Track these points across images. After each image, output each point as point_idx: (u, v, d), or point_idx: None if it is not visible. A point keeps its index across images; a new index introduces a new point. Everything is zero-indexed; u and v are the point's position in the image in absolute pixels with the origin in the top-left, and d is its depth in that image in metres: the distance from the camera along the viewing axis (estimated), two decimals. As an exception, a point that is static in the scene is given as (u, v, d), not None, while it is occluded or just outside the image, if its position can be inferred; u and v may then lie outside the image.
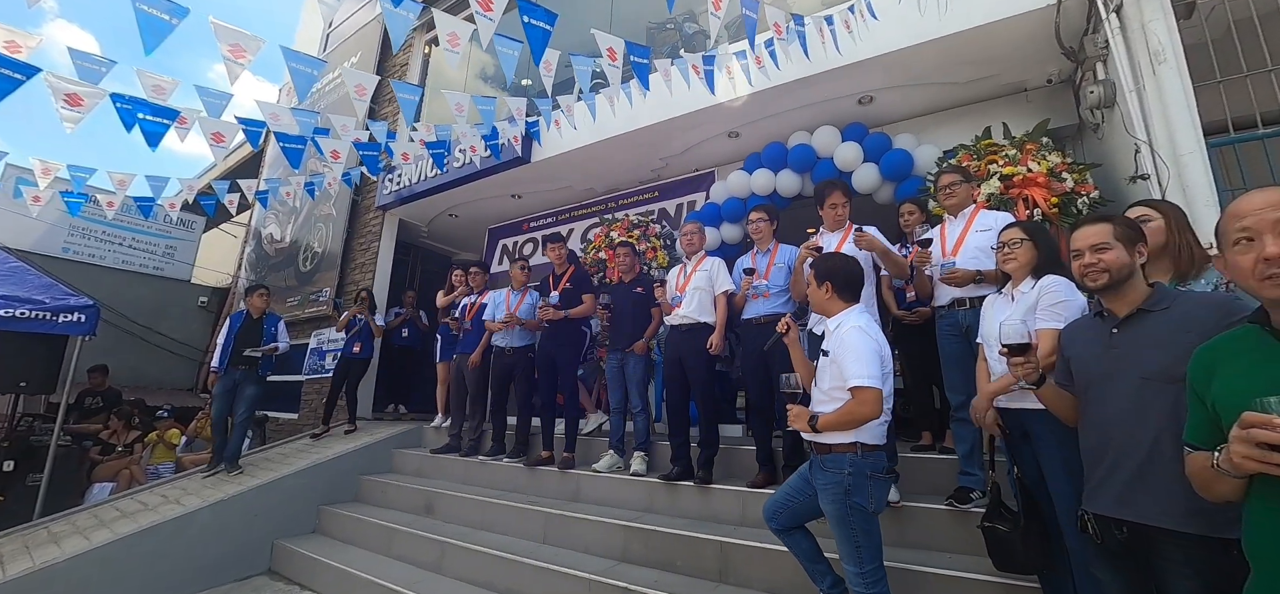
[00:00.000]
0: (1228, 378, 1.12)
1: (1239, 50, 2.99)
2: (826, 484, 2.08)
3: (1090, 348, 1.66)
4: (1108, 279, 1.64)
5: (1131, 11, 3.11)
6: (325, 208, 8.00)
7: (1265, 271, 1.02)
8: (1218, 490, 1.09)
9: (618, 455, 3.94)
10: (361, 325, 5.90)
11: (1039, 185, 3.37)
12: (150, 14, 2.24)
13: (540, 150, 5.69)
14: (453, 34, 2.84)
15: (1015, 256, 2.24)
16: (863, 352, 2.06)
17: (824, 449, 2.11)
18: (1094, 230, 1.69)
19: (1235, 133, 2.91)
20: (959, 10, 3.68)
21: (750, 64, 4.00)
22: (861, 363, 2.04)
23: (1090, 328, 1.72)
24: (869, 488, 2.03)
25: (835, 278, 2.29)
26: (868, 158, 4.33)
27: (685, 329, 3.55)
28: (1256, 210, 1.05)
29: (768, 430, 3.41)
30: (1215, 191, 2.75)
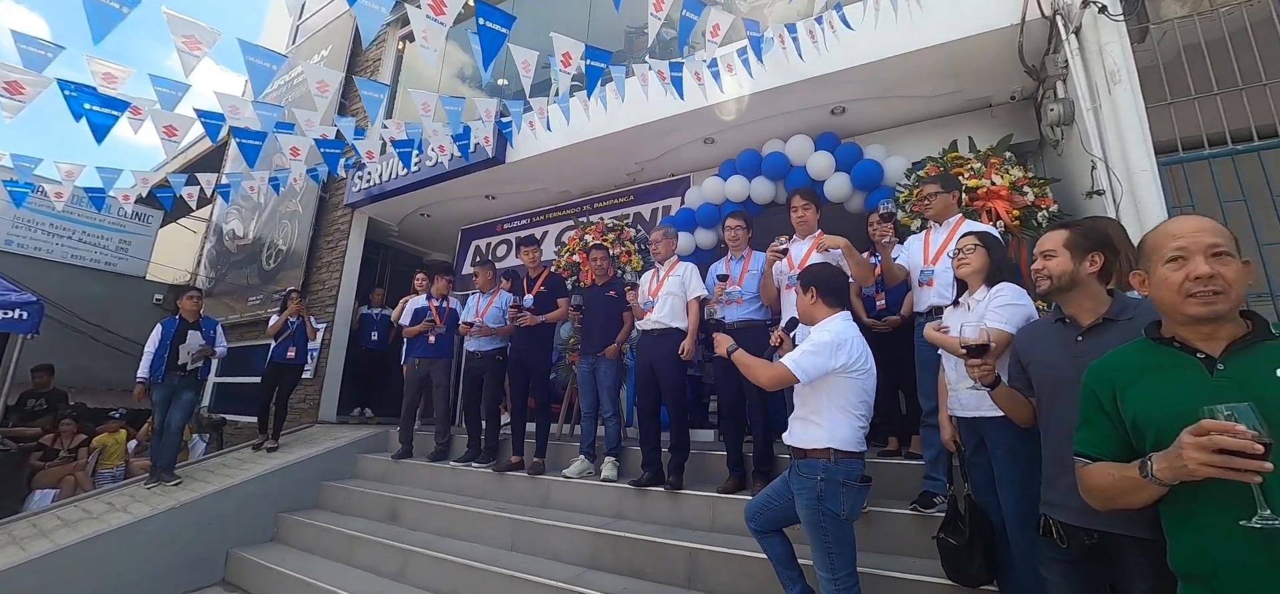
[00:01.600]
0: (1149, 392, 1.17)
1: (1188, 74, 3.13)
2: (801, 489, 2.10)
3: (1054, 353, 1.66)
4: (1049, 284, 1.69)
5: (1089, 34, 3.23)
6: (291, 204, 7.76)
7: (1192, 289, 1.11)
8: (1136, 500, 1.14)
9: (588, 460, 3.90)
10: (296, 328, 5.49)
11: (1002, 198, 3.47)
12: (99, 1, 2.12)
13: (514, 151, 5.62)
14: (427, 32, 2.78)
15: (968, 262, 2.27)
16: (814, 343, 2.13)
17: (800, 454, 2.14)
18: (1047, 237, 1.74)
19: (1184, 152, 3.04)
20: (928, 26, 3.77)
21: (721, 71, 4.03)
22: (803, 352, 2.11)
23: (1054, 334, 1.71)
24: (842, 495, 2.04)
25: (819, 284, 2.32)
26: (839, 167, 4.40)
27: (657, 334, 3.54)
28: (1191, 233, 1.14)
29: (739, 435, 3.42)
30: (1166, 208, 2.87)
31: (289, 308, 5.46)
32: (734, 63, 3.95)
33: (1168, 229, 1.20)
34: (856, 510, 2.12)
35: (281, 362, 5.39)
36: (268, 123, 3.68)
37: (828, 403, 2.11)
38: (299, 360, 5.48)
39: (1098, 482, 1.21)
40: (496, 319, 4.46)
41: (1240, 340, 1.11)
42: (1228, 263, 1.10)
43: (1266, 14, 3.08)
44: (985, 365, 1.75)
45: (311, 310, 6.96)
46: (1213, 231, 1.13)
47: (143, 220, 10.13)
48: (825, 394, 2.14)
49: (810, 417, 2.16)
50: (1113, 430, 1.23)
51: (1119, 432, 1.22)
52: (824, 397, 2.14)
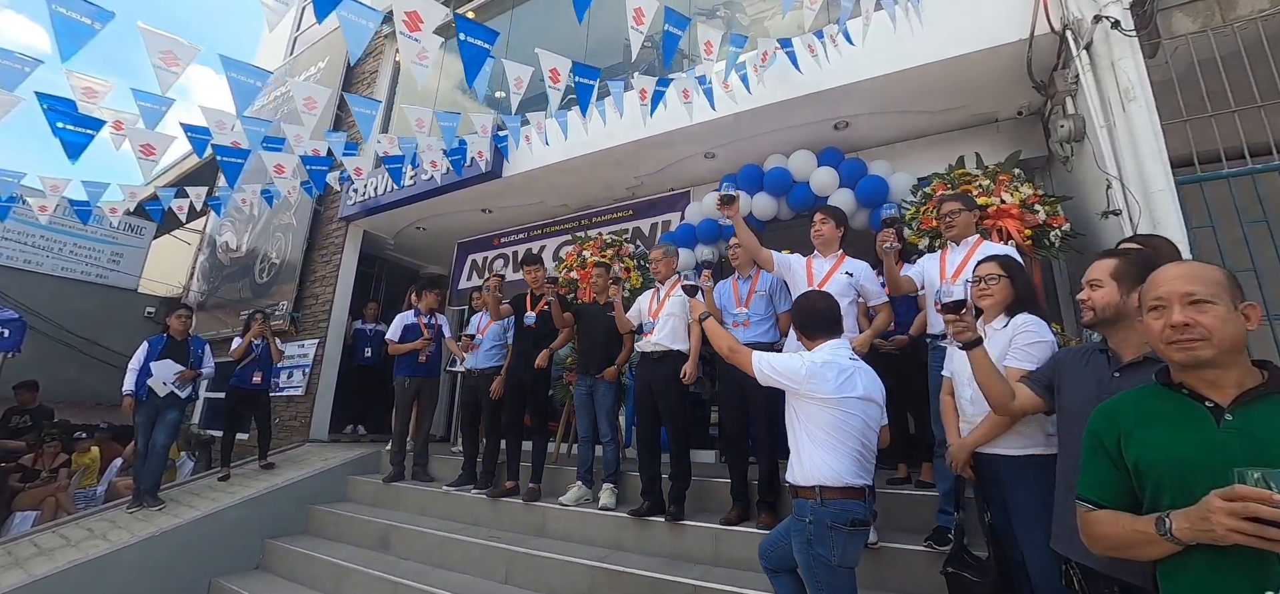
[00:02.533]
0: (1153, 438, 1.13)
1: (1203, 89, 3.04)
2: (794, 530, 1.99)
3: (1087, 385, 1.58)
4: (1093, 316, 1.60)
5: (1101, 49, 3.15)
6: (285, 216, 7.65)
7: (1171, 337, 1.12)
8: (1144, 553, 1.09)
9: (585, 486, 3.76)
10: (261, 351, 5.23)
11: (1012, 216, 3.36)
12: (68, 17, 2.00)
13: (511, 165, 5.52)
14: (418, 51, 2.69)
15: (991, 293, 2.19)
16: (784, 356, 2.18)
17: (793, 491, 2.04)
18: (1096, 266, 1.65)
19: (1202, 170, 2.94)
20: (933, 42, 3.69)
21: (716, 88, 3.94)
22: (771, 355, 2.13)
23: (1091, 363, 1.63)
24: (830, 539, 1.90)
25: (796, 319, 2.25)
26: (843, 183, 4.30)
27: (657, 357, 3.42)
28: (1169, 282, 1.15)
29: (743, 462, 3.29)
30: (1186, 229, 2.77)
31: (252, 329, 5.23)
32: (733, 80, 3.85)
33: (1152, 279, 1.20)
34: (850, 556, 1.95)
35: (244, 387, 5.15)
36: (254, 139, 3.57)
37: (804, 433, 2.00)
38: (264, 386, 5.27)
39: (1104, 531, 1.16)
40: (498, 338, 4.34)
41: (1251, 391, 1.07)
42: (1206, 310, 1.08)
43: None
44: (962, 322, 1.70)
45: (302, 326, 6.85)
46: (1190, 279, 1.12)
47: (135, 232, 10.00)
48: (800, 422, 2.03)
49: (795, 448, 2.05)
50: (1117, 476, 1.17)
51: (1123, 477, 1.16)
52: (799, 425, 2.03)
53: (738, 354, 2.13)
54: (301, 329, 6.91)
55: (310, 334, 6.79)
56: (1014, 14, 3.53)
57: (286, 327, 6.90)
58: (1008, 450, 2.00)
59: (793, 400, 2.04)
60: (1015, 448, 2.00)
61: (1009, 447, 2.00)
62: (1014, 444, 2.00)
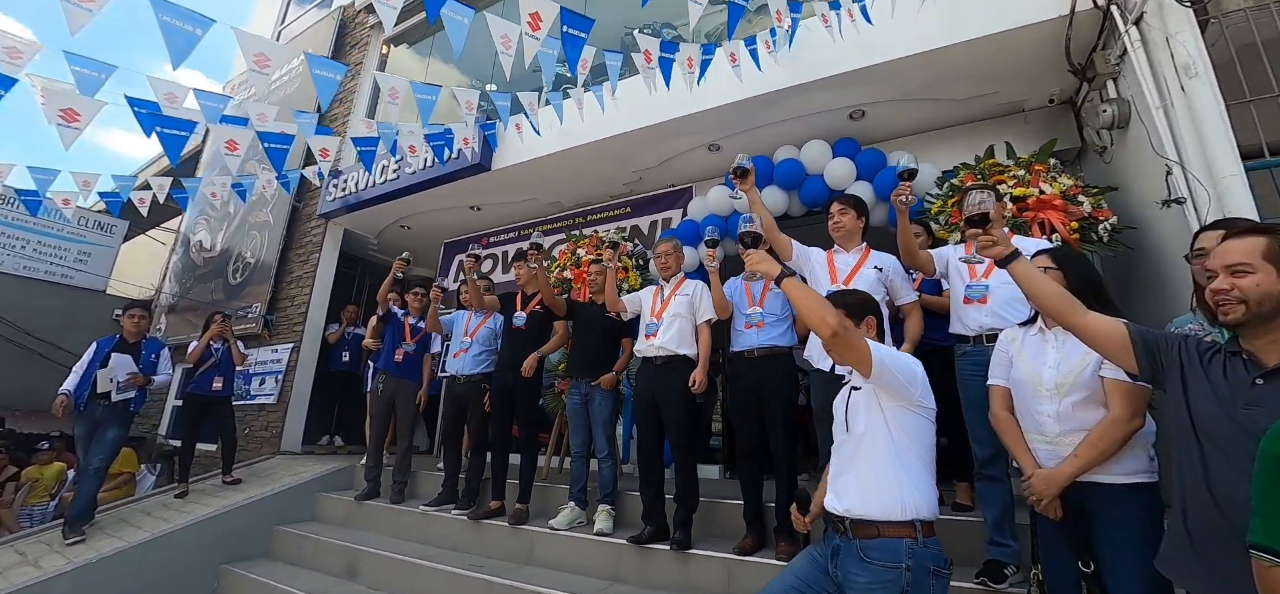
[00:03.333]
0: None
1: (1241, 74, 2.74)
2: (873, 584, 1.53)
3: (1212, 394, 1.24)
4: (1243, 312, 1.21)
5: (1154, 23, 2.84)
6: (261, 214, 7.22)
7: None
8: None
9: (579, 508, 3.37)
10: (221, 355, 4.80)
11: (1055, 208, 3.04)
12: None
13: (500, 156, 5.16)
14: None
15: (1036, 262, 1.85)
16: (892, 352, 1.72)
17: (867, 531, 1.58)
18: (1239, 246, 1.24)
19: (1271, 156, 2.64)
20: (964, 19, 3.39)
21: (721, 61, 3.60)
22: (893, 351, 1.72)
23: (1217, 365, 1.28)
24: (931, 588, 1.52)
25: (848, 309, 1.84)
26: (861, 175, 3.98)
27: (661, 363, 3.05)
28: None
29: (759, 483, 2.92)
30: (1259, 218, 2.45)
31: (211, 330, 4.79)
32: (740, 53, 3.52)
33: None
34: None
35: (203, 394, 4.70)
36: (211, 114, 3.19)
37: (897, 453, 1.61)
38: (226, 392, 4.82)
39: None
40: (488, 342, 3.96)
41: None
42: None
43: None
44: (989, 236, 1.46)
45: (276, 330, 6.42)
46: None
47: (104, 230, 9.51)
48: (892, 438, 1.62)
49: (880, 471, 1.61)
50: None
51: None
52: (891, 443, 1.62)
53: (842, 339, 1.54)
54: (275, 333, 6.48)
55: (284, 338, 6.35)
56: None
57: (259, 330, 6.47)
58: (1106, 478, 1.63)
59: (887, 412, 1.64)
60: (1117, 475, 1.63)
61: (1108, 474, 1.63)
62: (1118, 470, 1.63)
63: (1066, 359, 1.75)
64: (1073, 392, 1.70)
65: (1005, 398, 1.97)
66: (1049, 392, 1.77)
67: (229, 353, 4.94)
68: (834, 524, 1.70)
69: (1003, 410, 1.95)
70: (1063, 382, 1.73)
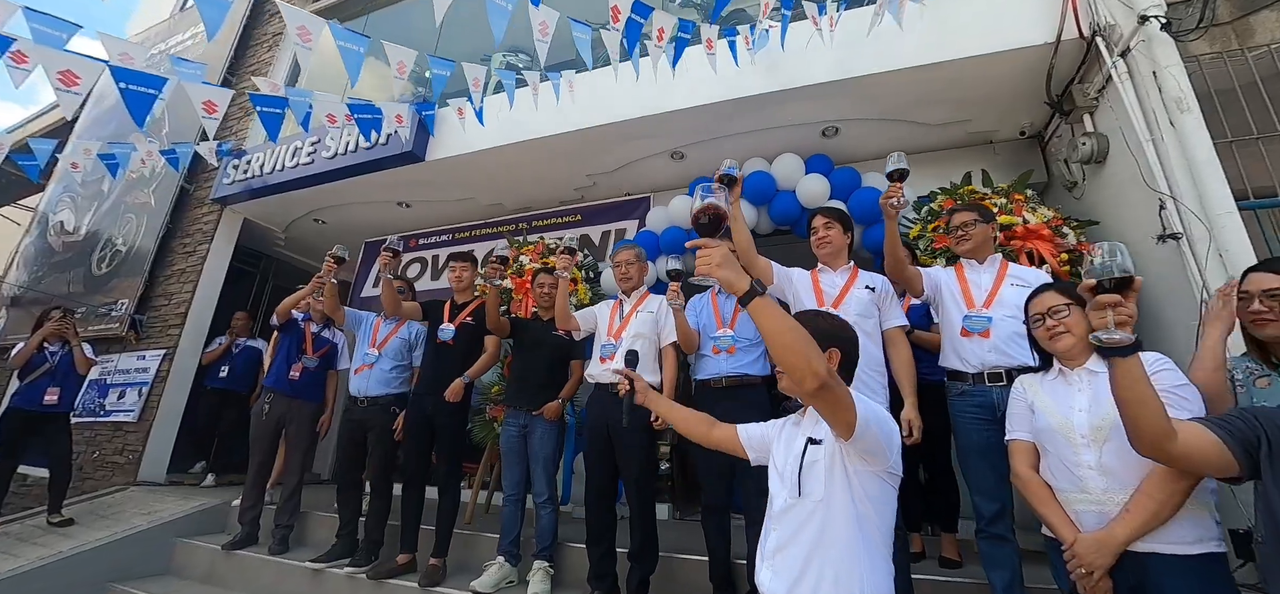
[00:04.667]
0: None
1: (1247, 110, 2.71)
2: None
3: None
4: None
5: (1141, 57, 2.76)
6: (141, 194, 6.11)
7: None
8: None
9: (510, 564, 2.77)
10: (58, 360, 3.87)
11: (1043, 239, 2.88)
12: None
13: (437, 146, 4.54)
14: None
15: (1068, 328, 1.60)
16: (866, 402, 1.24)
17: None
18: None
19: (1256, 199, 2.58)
20: (948, 39, 3.22)
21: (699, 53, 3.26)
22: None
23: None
24: None
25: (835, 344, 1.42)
26: (835, 194, 3.72)
27: (618, 390, 2.55)
28: None
29: (727, 538, 2.47)
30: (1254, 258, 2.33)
31: (45, 329, 3.83)
32: (718, 45, 3.18)
33: None
34: None
35: (31, 409, 3.72)
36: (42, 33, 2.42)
37: (875, 522, 1.23)
38: (62, 407, 3.84)
39: None
40: (400, 355, 3.31)
41: None
42: None
43: (1321, 54, 2.74)
44: (1128, 310, 1.07)
45: (146, 333, 5.36)
46: None
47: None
48: (868, 506, 1.23)
49: (837, 550, 1.21)
50: None
51: None
52: (866, 510, 1.22)
53: (829, 392, 1.12)
54: (145, 336, 5.39)
55: (156, 343, 5.29)
56: (1034, 18, 3.13)
57: (124, 332, 5.36)
58: (1170, 547, 1.37)
59: (852, 477, 1.24)
60: (1184, 543, 1.37)
61: (1172, 542, 1.37)
62: (1180, 537, 1.37)
63: (1099, 398, 1.51)
64: (1113, 435, 1.45)
65: (1029, 454, 1.69)
66: (1086, 439, 1.52)
67: (70, 357, 3.95)
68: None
69: (1026, 468, 1.68)
70: (1100, 425, 1.49)
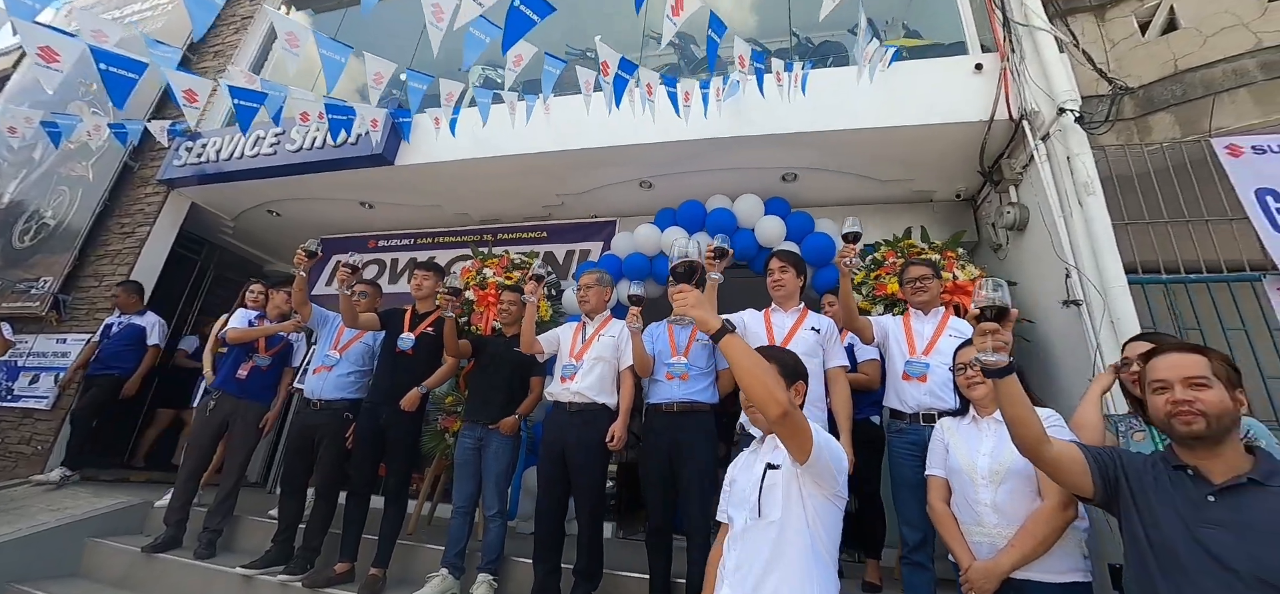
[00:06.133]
0: None
1: (1139, 195, 3.11)
2: None
3: (1175, 508, 1.23)
4: (1205, 426, 1.22)
5: (1058, 142, 3.13)
6: (78, 166, 5.75)
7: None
8: None
9: (453, 577, 2.76)
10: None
11: (968, 295, 3.17)
12: None
13: (408, 152, 4.53)
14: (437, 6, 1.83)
15: (982, 379, 1.84)
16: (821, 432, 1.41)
17: None
18: (1189, 360, 1.27)
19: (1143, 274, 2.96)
20: (901, 106, 3.55)
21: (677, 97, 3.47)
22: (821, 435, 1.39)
23: (1166, 479, 1.27)
24: None
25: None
26: (790, 236, 3.97)
27: (576, 410, 2.64)
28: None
29: (668, 557, 2.57)
30: (1141, 327, 2.68)
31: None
32: (693, 93, 3.38)
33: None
34: None
35: None
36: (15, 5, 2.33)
37: (825, 542, 1.38)
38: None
39: None
40: (361, 361, 3.26)
41: None
42: None
43: (1201, 155, 3.18)
44: (1004, 337, 1.29)
45: (71, 314, 5.03)
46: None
47: None
48: (820, 527, 1.38)
49: (793, 568, 1.35)
50: None
51: None
52: (819, 531, 1.38)
53: (790, 420, 1.30)
54: (68, 318, 5.05)
55: (81, 326, 4.96)
56: (974, 97, 3.50)
57: (44, 312, 5.00)
58: (1044, 575, 1.59)
59: (806, 500, 1.39)
60: (1054, 573, 1.60)
61: (1047, 571, 1.59)
62: (1053, 568, 1.60)
63: (1000, 446, 1.75)
64: (1007, 479, 1.70)
65: (943, 489, 1.92)
66: (985, 480, 1.76)
67: None
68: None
69: (940, 502, 1.91)
70: (997, 469, 1.73)
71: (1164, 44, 3.74)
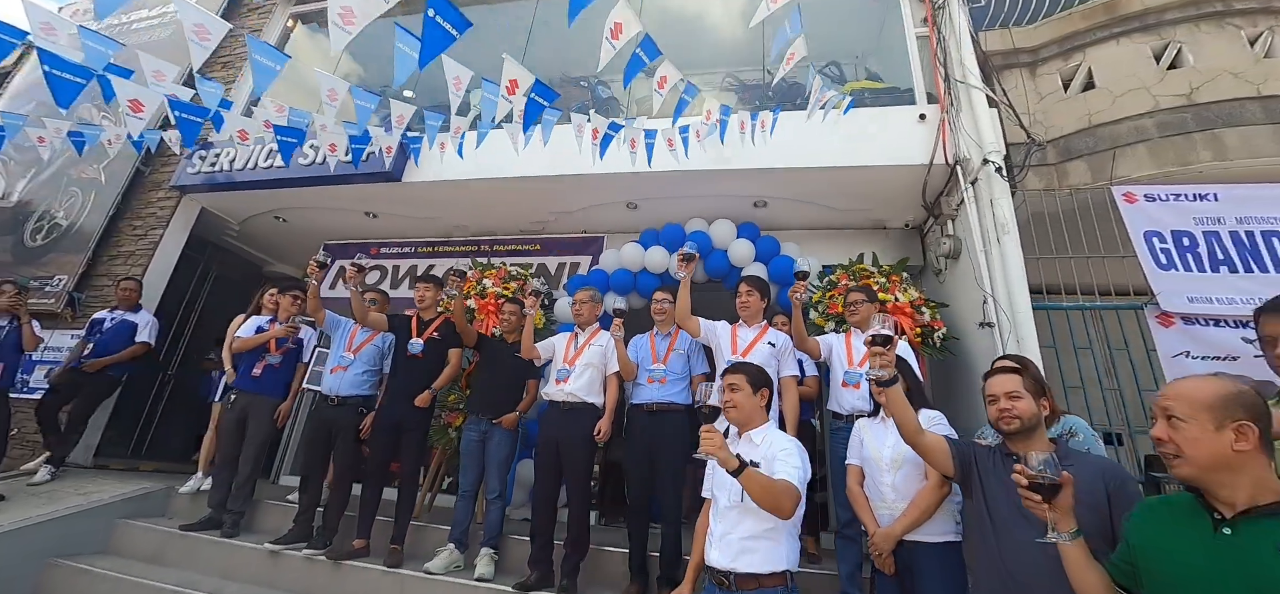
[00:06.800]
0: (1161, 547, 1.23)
1: (1033, 235, 3.69)
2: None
3: (1004, 484, 1.67)
4: (1019, 425, 1.73)
5: (984, 187, 3.67)
6: (89, 169, 6.02)
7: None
8: None
9: (459, 551, 3.20)
10: (5, 335, 3.97)
11: (906, 314, 3.70)
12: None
13: (415, 171, 4.93)
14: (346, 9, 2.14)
15: None
16: (801, 460, 1.89)
17: (749, 583, 1.80)
18: (1008, 379, 1.78)
19: (1048, 299, 3.52)
20: (857, 150, 4.06)
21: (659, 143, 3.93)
22: (796, 470, 1.84)
23: (1001, 464, 1.76)
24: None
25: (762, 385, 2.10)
26: (758, 257, 4.46)
27: (568, 408, 3.09)
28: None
29: (645, 535, 3.03)
30: (1039, 347, 3.23)
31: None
32: (675, 138, 3.85)
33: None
34: None
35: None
36: (95, 58, 2.67)
37: (795, 520, 1.86)
38: (4, 382, 3.94)
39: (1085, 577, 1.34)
40: (373, 361, 3.66)
41: None
42: None
43: (1103, 199, 3.76)
44: (888, 358, 1.79)
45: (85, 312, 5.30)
46: None
47: None
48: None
49: (763, 535, 1.83)
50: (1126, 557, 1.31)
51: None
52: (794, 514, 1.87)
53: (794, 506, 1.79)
54: (81, 315, 5.32)
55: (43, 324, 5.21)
56: (919, 143, 4.03)
57: (60, 309, 5.28)
58: (926, 537, 2.07)
59: None
60: (933, 535, 2.07)
61: (928, 534, 2.08)
62: (932, 531, 2.08)
63: (899, 440, 2.19)
64: (903, 466, 2.20)
65: (858, 474, 2.40)
66: (887, 466, 2.26)
67: (17, 333, 3.99)
68: (718, 578, 1.87)
69: (855, 485, 2.40)
70: (896, 458, 2.23)
71: (1082, 100, 4.34)
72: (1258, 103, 3.87)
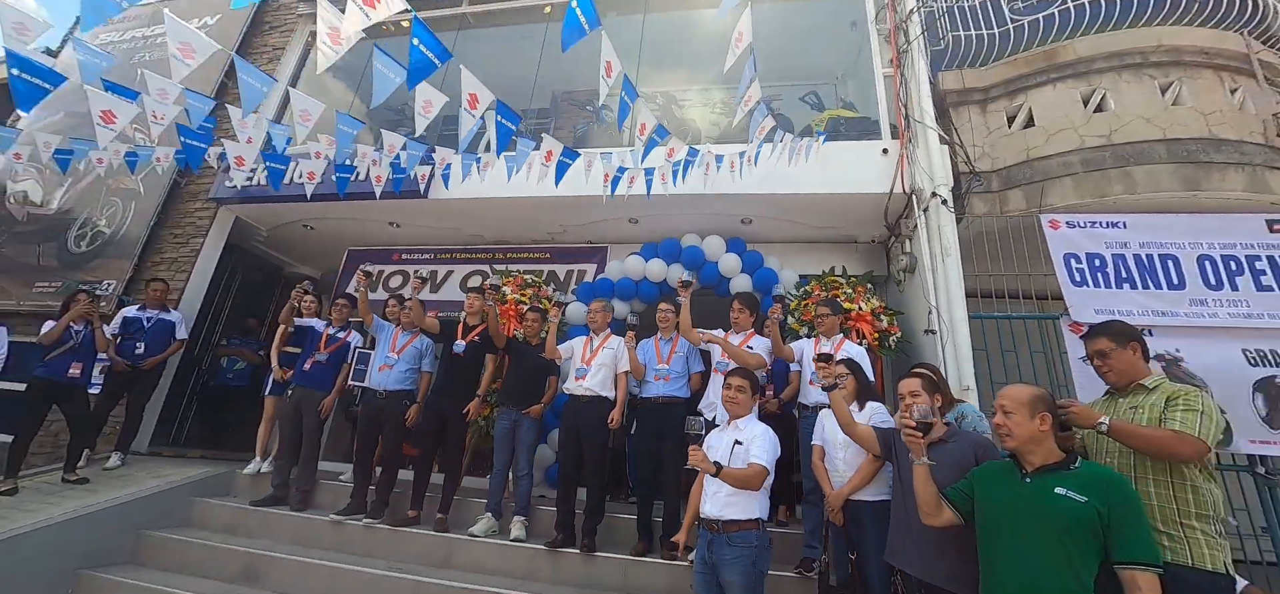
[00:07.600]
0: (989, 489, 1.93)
1: (987, 251, 4.39)
2: (736, 557, 2.43)
3: (908, 458, 2.33)
4: None
5: (933, 214, 4.37)
6: (127, 180, 6.49)
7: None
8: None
9: (494, 519, 3.86)
10: (82, 338, 4.46)
11: (867, 321, 4.40)
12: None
13: (439, 188, 5.51)
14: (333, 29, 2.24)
15: (845, 387, 2.99)
16: (770, 444, 2.58)
17: (732, 526, 2.48)
18: (911, 382, 2.46)
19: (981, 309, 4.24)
20: (829, 179, 4.73)
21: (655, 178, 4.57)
22: (766, 452, 2.53)
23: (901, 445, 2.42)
24: (767, 557, 2.49)
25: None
26: (744, 269, 5.14)
27: (586, 400, 3.75)
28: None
29: (651, 503, 3.71)
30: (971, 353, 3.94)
31: (74, 310, 4.43)
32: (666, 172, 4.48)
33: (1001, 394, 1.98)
34: None
35: (57, 379, 4.31)
36: (89, 71, 2.90)
37: (766, 486, 2.54)
38: (83, 381, 4.46)
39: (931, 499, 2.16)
40: (413, 360, 4.28)
41: None
42: None
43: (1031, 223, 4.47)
44: (833, 371, 2.54)
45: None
46: None
47: None
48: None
49: (747, 494, 2.52)
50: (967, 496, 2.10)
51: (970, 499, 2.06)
52: None
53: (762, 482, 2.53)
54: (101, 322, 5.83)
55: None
56: (882, 174, 4.71)
57: (112, 313, 5.78)
58: (869, 497, 2.75)
59: None
60: (872, 495, 2.75)
61: (868, 495, 2.76)
62: (871, 492, 2.75)
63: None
64: (852, 446, 2.84)
65: (820, 452, 3.08)
66: (840, 446, 2.93)
67: (92, 336, 4.54)
68: (709, 524, 2.56)
69: (818, 461, 3.08)
70: (847, 440, 2.89)
71: (1022, 136, 5.03)
72: (1163, 144, 4.60)
